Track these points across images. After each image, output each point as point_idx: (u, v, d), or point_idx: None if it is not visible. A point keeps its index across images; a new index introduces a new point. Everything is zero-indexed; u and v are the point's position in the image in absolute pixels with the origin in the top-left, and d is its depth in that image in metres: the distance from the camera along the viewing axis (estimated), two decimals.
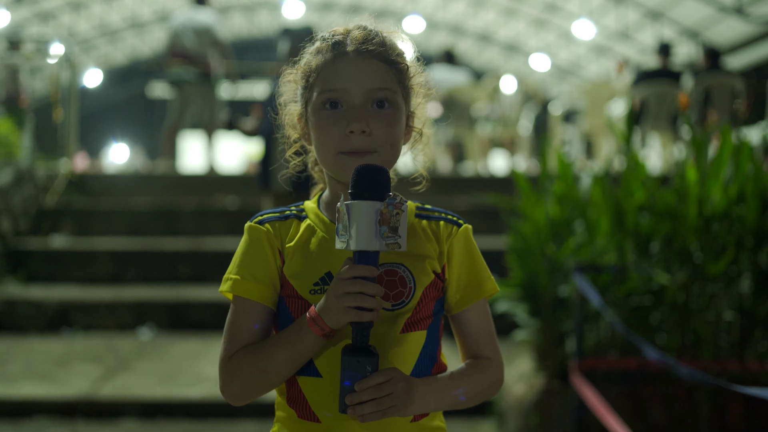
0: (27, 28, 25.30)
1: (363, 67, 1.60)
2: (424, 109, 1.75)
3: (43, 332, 6.17)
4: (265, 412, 4.56)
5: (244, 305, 1.61)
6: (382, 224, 1.45)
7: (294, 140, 1.75)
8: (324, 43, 1.65)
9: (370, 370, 1.46)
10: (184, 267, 7.02)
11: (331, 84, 1.60)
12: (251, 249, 1.63)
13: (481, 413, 4.61)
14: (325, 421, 1.55)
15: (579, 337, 3.82)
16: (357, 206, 1.45)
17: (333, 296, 1.45)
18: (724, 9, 20.24)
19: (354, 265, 1.45)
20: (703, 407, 3.93)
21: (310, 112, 1.64)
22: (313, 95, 1.63)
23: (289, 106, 1.73)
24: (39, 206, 7.88)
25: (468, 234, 1.68)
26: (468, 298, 1.65)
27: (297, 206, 1.69)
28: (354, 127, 1.56)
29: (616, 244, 4.13)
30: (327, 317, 1.47)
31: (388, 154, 1.61)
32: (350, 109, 1.58)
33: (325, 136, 1.59)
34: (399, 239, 1.46)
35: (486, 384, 1.65)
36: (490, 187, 7.61)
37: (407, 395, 1.49)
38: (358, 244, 1.44)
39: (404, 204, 1.46)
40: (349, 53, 1.61)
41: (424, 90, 1.73)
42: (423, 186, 1.77)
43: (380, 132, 1.58)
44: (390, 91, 1.61)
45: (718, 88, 10.00)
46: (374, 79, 1.60)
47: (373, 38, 1.64)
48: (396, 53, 1.66)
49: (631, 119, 4.39)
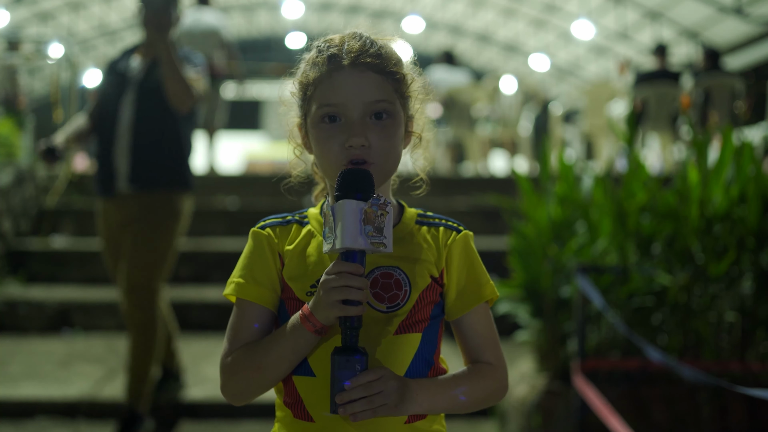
0: (26, 29, 25.31)
1: (359, 80, 1.62)
2: (423, 114, 1.76)
3: (44, 333, 6.18)
4: (266, 412, 4.56)
5: (246, 307, 1.66)
6: (367, 223, 1.47)
7: (295, 149, 1.78)
8: (320, 56, 1.66)
9: (359, 369, 1.47)
10: (184, 267, 7.01)
11: (329, 99, 1.62)
12: (254, 253, 1.68)
13: (483, 414, 4.62)
14: (320, 421, 1.57)
15: (581, 338, 3.83)
16: (341, 205, 1.48)
17: (321, 291, 1.49)
18: (723, 9, 20.24)
19: (339, 261, 1.49)
20: (705, 408, 3.94)
21: (310, 125, 1.66)
22: (311, 108, 1.65)
23: (289, 116, 1.76)
24: (39, 207, 7.88)
25: (467, 240, 1.70)
26: (467, 303, 1.67)
27: (300, 212, 1.73)
28: (353, 141, 1.58)
29: (618, 245, 4.13)
30: (317, 313, 1.50)
31: (386, 164, 1.63)
32: (348, 123, 1.60)
33: (325, 150, 1.62)
34: (384, 239, 1.48)
35: (487, 389, 1.66)
36: (491, 187, 7.61)
37: (398, 394, 1.51)
38: (343, 241, 1.47)
39: (388, 205, 1.49)
40: (345, 67, 1.62)
41: (422, 95, 1.74)
42: (423, 190, 1.79)
43: (379, 144, 1.60)
44: (387, 102, 1.63)
45: (717, 88, 10.00)
46: (371, 92, 1.62)
47: (368, 49, 1.64)
48: (393, 63, 1.67)
49: (633, 120, 4.39)
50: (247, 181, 9.50)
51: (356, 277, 1.47)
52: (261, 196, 8.35)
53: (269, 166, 22.21)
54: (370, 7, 29.78)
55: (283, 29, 31.58)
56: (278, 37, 31.79)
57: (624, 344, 4.04)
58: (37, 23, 26.66)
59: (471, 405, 1.63)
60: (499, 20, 29.46)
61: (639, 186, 4.19)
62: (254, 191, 8.60)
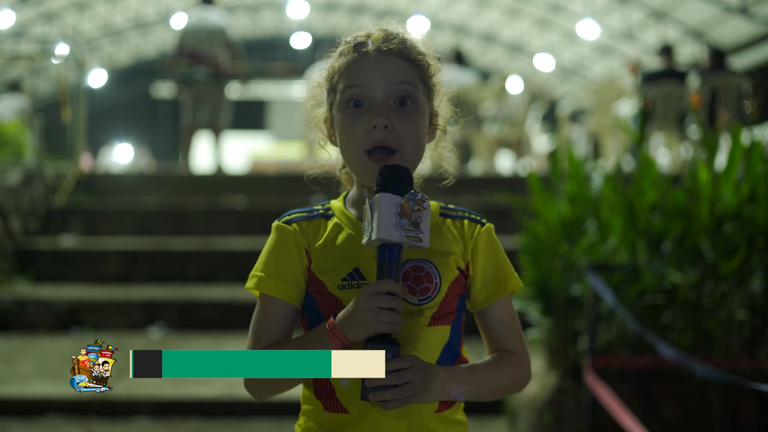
0: (32, 28, 25.34)
1: (384, 62, 1.64)
2: (447, 108, 1.77)
3: (54, 331, 6.19)
4: (278, 411, 4.59)
5: (269, 303, 1.66)
6: (403, 217, 1.49)
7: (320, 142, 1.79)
8: (347, 45, 1.69)
9: (390, 357, 1.49)
10: (192, 266, 7.03)
11: (353, 80, 1.64)
12: (278, 248, 1.67)
13: (494, 411, 4.62)
14: (354, 412, 1.58)
15: (592, 336, 3.84)
16: (378, 198, 1.50)
17: (355, 310, 1.50)
18: (728, 9, 20.23)
19: (380, 281, 1.50)
20: (716, 405, 3.95)
21: (335, 112, 1.68)
22: (336, 96, 1.67)
23: (316, 110, 1.77)
24: (48, 206, 7.90)
25: (491, 232, 1.72)
26: (493, 294, 1.69)
27: (323, 205, 1.73)
28: (377, 122, 1.59)
29: (629, 244, 4.14)
30: (347, 330, 1.51)
31: (410, 153, 1.64)
32: (373, 105, 1.62)
33: (349, 133, 1.64)
34: (421, 234, 1.50)
35: (512, 377, 1.68)
36: (498, 186, 7.62)
37: (427, 383, 1.53)
38: (379, 233, 1.48)
39: (426, 201, 1.51)
40: (371, 52, 1.65)
41: (445, 89, 1.76)
42: (450, 181, 1.81)
43: (403, 129, 1.62)
44: (411, 85, 1.64)
45: (724, 88, 9.99)
46: (395, 73, 1.64)
47: (393, 38, 1.68)
48: (417, 51, 1.69)
49: (643, 119, 4.40)
50: (254, 181, 9.52)
51: (393, 299, 1.48)
52: (268, 195, 8.36)
53: (274, 166, 22.23)
54: (374, 7, 29.77)
55: (287, 29, 31.60)
56: (283, 37, 31.82)
57: (635, 342, 4.05)
58: (43, 23, 26.72)
59: (497, 392, 1.66)
60: (503, 20, 29.46)
61: (649, 185, 4.20)
62: (261, 190, 8.61)
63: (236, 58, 9.85)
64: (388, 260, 1.51)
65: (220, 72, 9.64)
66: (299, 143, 16.76)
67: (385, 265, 1.51)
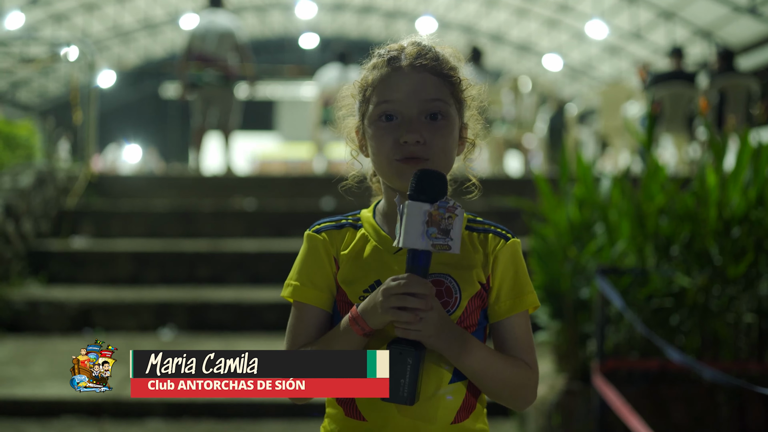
0: (41, 30, 25.44)
1: (417, 80, 1.68)
2: (477, 121, 1.81)
3: (66, 333, 6.23)
4: (290, 412, 4.63)
5: (303, 310, 1.71)
6: (431, 225, 1.52)
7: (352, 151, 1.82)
8: (380, 59, 1.72)
9: (410, 362, 1.52)
10: (203, 268, 7.07)
11: (387, 96, 1.67)
12: (309, 257, 1.73)
13: (503, 413, 4.65)
14: (371, 421, 1.62)
15: (600, 339, 3.86)
16: (406, 206, 1.53)
17: (380, 296, 1.54)
18: (737, 9, 20.20)
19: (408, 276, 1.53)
20: (724, 408, 3.97)
21: (367, 124, 1.72)
22: (369, 108, 1.71)
23: (347, 120, 1.81)
24: (59, 208, 7.95)
25: (516, 248, 1.73)
26: (508, 309, 1.69)
27: (353, 215, 1.77)
28: (408, 137, 1.63)
29: (637, 247, 4.17)
30: (368, 317, 1.56)
31: (441, 162, 1.67)
32: (405, 121, 1.65)
33: (380, 145, 1.67)
34: (450, 242, 1.53)
35: (517, 379, 1.66)
36: (506, 188, 7.64)
37: (438, 326, 1.55)
38: (404, 241, 1.52)
39: (458, 209, 1.54)
40: (404, 68, 1.69)
41: (477, 102, 1.79)
42: (475, 194, 1.83)
43: (434, 141, 1.66)
44: (443, 102, 1.68)
45: (733, 89, 9.97)
46: (428, 90, 1.67)
47: (426, 53, 1.71)
48: (449, 67, 1.72)
49: (652, 122, 4.43)
50: (263, 182, 9.55)
51: (420, 283, 1.52)
52: (278, 197, 8.40)
53: (282, 167, 22.28)
54: (383, 7, 29.80)
55: (296, 29, 31.67)
56: (291, 37, 31.89)
57: (643, 345, 4.08)
58: (52, 24, 26.82)
59: (497, 383, 1.65)
60: (512, 20, 29.46)
61: (657, 188, 4.23)
62: (271, 192, 8.64)
63: (245, 61, 9.89)
64: (416, 265, 1.55)
65: (230, 74, 9.68)
66: (308, 144, 16.78)
67: (414, 270, 1.55)
